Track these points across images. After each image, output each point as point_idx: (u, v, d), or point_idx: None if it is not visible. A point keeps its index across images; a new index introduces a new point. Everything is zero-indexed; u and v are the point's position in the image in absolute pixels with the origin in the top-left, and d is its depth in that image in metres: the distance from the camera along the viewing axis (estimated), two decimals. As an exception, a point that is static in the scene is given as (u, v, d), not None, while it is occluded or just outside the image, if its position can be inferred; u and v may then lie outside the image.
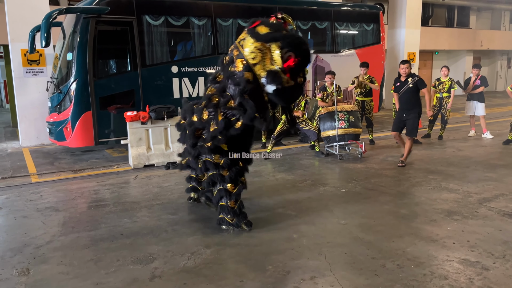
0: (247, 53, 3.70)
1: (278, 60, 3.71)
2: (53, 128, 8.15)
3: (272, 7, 9.72)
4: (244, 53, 3.72)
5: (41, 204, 5.32)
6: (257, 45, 3.74)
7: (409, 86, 6.89)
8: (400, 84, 7.04)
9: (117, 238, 4.15)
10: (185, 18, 8.60)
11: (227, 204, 4.22)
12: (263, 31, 3.71)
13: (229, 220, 4.24)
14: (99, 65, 7.90)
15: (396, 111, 7.30)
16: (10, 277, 3.43)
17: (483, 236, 4.04)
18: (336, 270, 3.40)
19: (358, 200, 5.23)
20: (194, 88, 8.66)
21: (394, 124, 7.18)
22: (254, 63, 3.73)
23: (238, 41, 3.99)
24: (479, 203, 5.02)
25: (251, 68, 3.78)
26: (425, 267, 3.43)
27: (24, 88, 9.36)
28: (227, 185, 4.20)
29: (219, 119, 3.91)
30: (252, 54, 3.70)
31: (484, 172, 6.45)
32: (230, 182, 4.20)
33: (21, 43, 9.08)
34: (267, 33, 3.70)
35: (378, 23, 11.51)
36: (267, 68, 3.76)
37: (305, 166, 7.05)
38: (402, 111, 7.00)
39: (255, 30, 3.73)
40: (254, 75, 3.81)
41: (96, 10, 7.54)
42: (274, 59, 3.75)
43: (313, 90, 9.79)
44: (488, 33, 23.51)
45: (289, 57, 3.79)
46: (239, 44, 3.87)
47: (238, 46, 3.89)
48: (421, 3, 15.20)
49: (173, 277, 3.37)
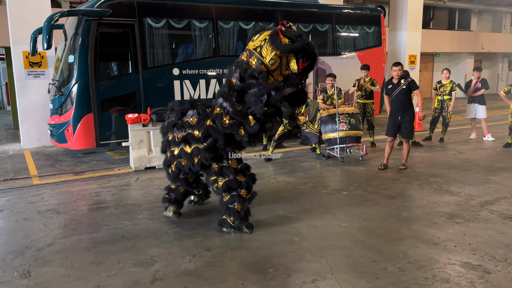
0: (267, 61, 3.97)
1: (295, 67, 4.04)
2: (54, 130, 8.17)
3: (274, 9, 9.75)
4: (266, 61, 3.98)
5: (42, 206, 5.33)
6: (277, 52, 4.00)
7: (403, 88, 6.79)
8: (393, 86, 6.92)
9: (118, 241, 4.15)
10: (186, 21, 8.62)
11: (234, 207, 4.23)
12: (284, 41, 3.95)
13: (230, 222, 4.24)
14: (100, 68, 7.91)
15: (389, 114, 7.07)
16: (12, 279, 3.43)
17: (484, 239, 4.04)
18: (337, 273, 3.40)
19: (359, 202, 5.23)
20: (195, 90, 8.67)
21: (389, 128, 6.97)
22: (273, 69, 4.00)
23: (254, 48, 4.10)
24: (480, 206, 5.01)
25: (270, 73, 4.03)
26: (426, 270, 3.43)
27: (25, 90, 9.38)
28: (242, 190, 4.24)
29: (251, 123, 4.03)
30: (272, 60, 3.98)
31: (486, 175, 6.44)
32: (245, 188, 4.26)
33: (23, 45, 9.10)
34: (288, 44, 3.95)
35: (379, 26, 11.52)
36: (283, 72, 4.04)
37: (306, 168, 7.05)
38: (396, 113, 6.86)
39: (276, 40, 3.94)
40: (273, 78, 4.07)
41: (98, 12, 7.56)
42: (290, 66, 4.05)
43: (314, 93, 9.80)
44: (489, 35, 23.52)
45: (300, 61, 4.09)
46: (255, 51, 4.04)
47: (256, 53, 4.05)
48: (422, 5, 15.22)
49: (174, 280, 3.36)
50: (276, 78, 4.06)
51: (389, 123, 7.01)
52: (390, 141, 6.97)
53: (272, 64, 3.99)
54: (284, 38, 3.98)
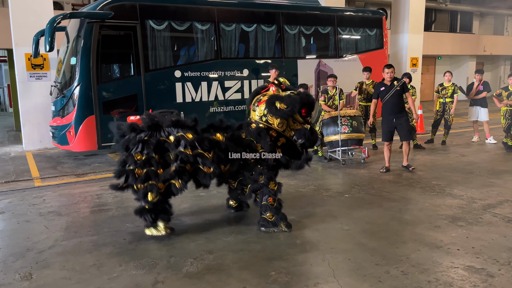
0: (276, 126, 4.44)
1: (300, 119, 4.55)
2: (56, 132, 8.17)
3: (275, 12, 9.76)
4: (274, 126, 4.45)
5: (44, 208, 5.32)
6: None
7: (397, 89, 6.68)
8: (386, 88, 6.75)
9: (119, 243, 4.14)
10: (188, 23, 8.64)
11: (267, 201, 4.35)
12: (282, 107, 4.30)
13: (268, 218, 4.33)
14: (102, 70, 7.92)
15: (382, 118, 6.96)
16: (13, 281, 3.42)
17: (488, 242, 4.02)
18: (339, 277, 3.38)
19: (361, 205, 5.21)
20: (197, 92, 8.67)
21: (385, 133, 6.84)
22: (282, 130, 4.47)
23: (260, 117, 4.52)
24: (483, 209, 4.99)
25: (282, 134, 4.50)
26: (429, 274, 3.41)
27: (27, 92, 9.40)
28: (270, 183, 4.40)
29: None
30: (280, 125, 4.44)
31: (488, 178, 6.41)
32: (272, 181, 4.43)
33: (25, 47, 9.12)
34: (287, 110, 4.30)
35: (381, 28, 11.53)
36: (292, 127, 4.55)
37: (308, 171, 7.02)
38: (391, 116, 6.72)
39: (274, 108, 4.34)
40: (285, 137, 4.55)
41: (100, 15, 7.58)
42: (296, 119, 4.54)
43: (316, 95, 9.80)
44: (491, 38, 23.49)
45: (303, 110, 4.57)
46: (262, 120, 4.50)
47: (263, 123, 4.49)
48: (424, 8, 15.21)
49: (175, 283, 3.35)
50: (288, 134, 4.52)
51: (384, 127, 6.88)
52: (388, 144, 6.92)
53: (281, 127, 4.45)
54: (280, 104, 4.30)
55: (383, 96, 6.80)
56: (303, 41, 10.35)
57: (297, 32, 10.07)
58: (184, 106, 8.38)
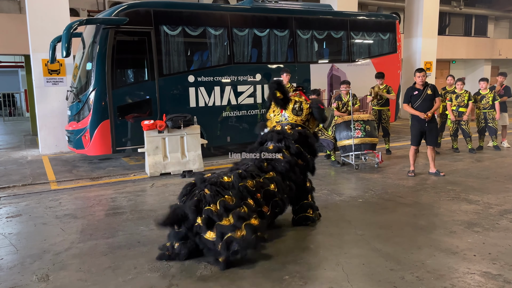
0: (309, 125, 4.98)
1: (306, 107, 4.93)
2: (72, 136, 8.29)
3: (288, 17, 9.79)
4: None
5: (60, 211, 5.40)
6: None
7: (429, 94, 6.64)
8: (419, 92, 6.73)
9: (134, 246, 4.19)
10: (201, 28, 8.70)
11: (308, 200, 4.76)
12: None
13: (309, 215, 4.68)
14: (117, 75, 8.02)
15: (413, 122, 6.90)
16: (30, 283, 3.48)
17: (504, 248, 3.95)
18: (353, 282, 3.36)
19: (375, 210, 5.17)
20: (210, 97, 8.72)
21: (414, 136, 6.83)
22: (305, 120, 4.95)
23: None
24: (500, 214, 4.91)
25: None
26: (445, 280, 3.37)
27: (44, 97, 9.57)
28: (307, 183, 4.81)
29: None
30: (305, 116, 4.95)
31: (505, 183, 6.32)
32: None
33: (42, 53, 9.31)
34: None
35: (394, 32, 11.46)
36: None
37: (321, 175, 7.01)
38: (423, 121, 6.66)
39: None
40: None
41: (115, 21, 7.69)
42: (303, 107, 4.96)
43: (329, 99, 9.77)
44: (506, 42, 23.18)
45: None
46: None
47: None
48: (438, 12, 15.10)
49: (190, 286, 3.37)
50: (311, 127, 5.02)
51: (414, 131, 6.86)
52: (415, 150, 6.88)
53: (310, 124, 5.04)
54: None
55: (415, 100, 6.73)
56: (316, 45, 10.35)
57: (310, 36, 10.07)
58: (197, 110, 8.43)
